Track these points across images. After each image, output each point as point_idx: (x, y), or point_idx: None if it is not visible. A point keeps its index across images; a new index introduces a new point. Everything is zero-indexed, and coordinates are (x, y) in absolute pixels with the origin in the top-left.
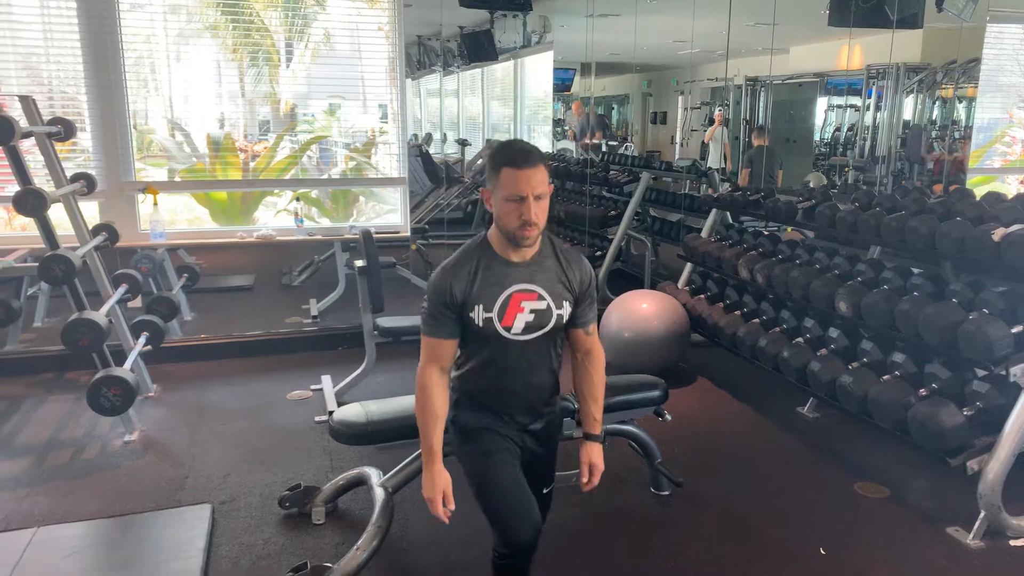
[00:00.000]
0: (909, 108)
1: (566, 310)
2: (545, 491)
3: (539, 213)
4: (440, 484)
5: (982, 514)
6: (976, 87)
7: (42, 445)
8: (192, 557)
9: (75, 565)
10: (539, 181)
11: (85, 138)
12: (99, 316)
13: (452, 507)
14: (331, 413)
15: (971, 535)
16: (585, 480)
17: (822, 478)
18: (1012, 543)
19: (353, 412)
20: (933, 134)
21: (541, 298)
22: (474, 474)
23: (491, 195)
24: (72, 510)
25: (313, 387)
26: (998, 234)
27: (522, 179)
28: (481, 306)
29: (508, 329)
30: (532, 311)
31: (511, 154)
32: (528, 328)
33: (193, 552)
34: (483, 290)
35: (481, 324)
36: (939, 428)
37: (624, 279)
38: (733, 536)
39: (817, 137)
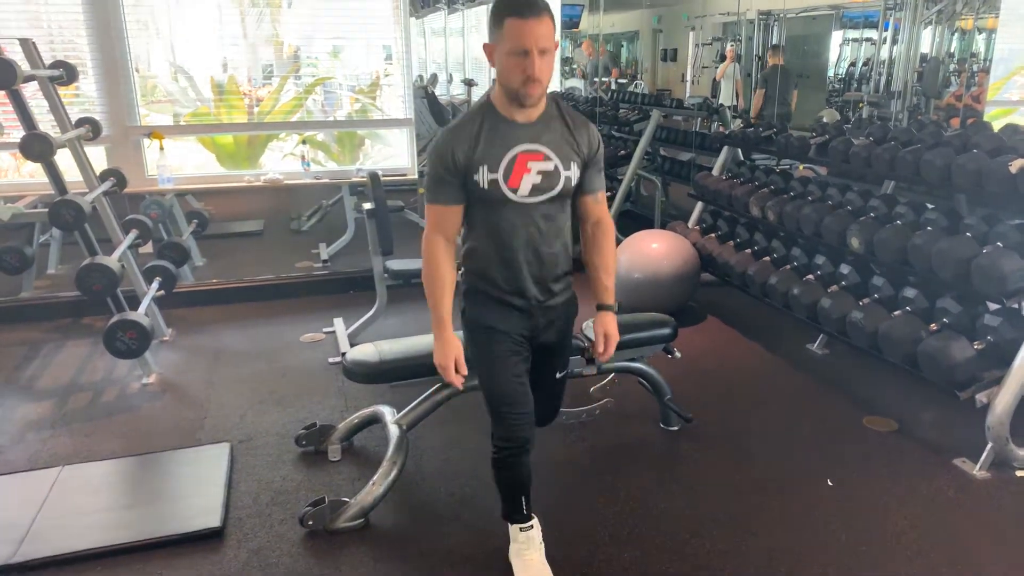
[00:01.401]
0: (927, 41)
1: (574, 172)
2: (559, 375)
3: (544, 69)
4: (451, 351)
5: (989, 445)
6: (997, 17)
7: (62, 388)
8: (213, 493)
9: (101, 501)
10: (544, 34)
11: (88, 85)
12: (111, 261)
13: (465, 373)
14: (344, 354)
15: (978, 466)
16: (601, 350)
17: (831, 413)
18: (1018, 473)
19: (366, 352)
20: (952, 67)
21: (548, 159)
22: (480, 370)
23: (493, 50)
24: (95, 450)
25: (325, 330)
26: (1016, 165)
27: (526, 30)
28: (486, 167)
29: (515, 191)
30: (539, 172)
31: (515, 3)
32: (536, 190)
33: (214, 488)
34: (487, 151)
35: (486, 186)
36: (949, 362)
37: (634, 220)
38: (741, 470)
39: (831, 73)
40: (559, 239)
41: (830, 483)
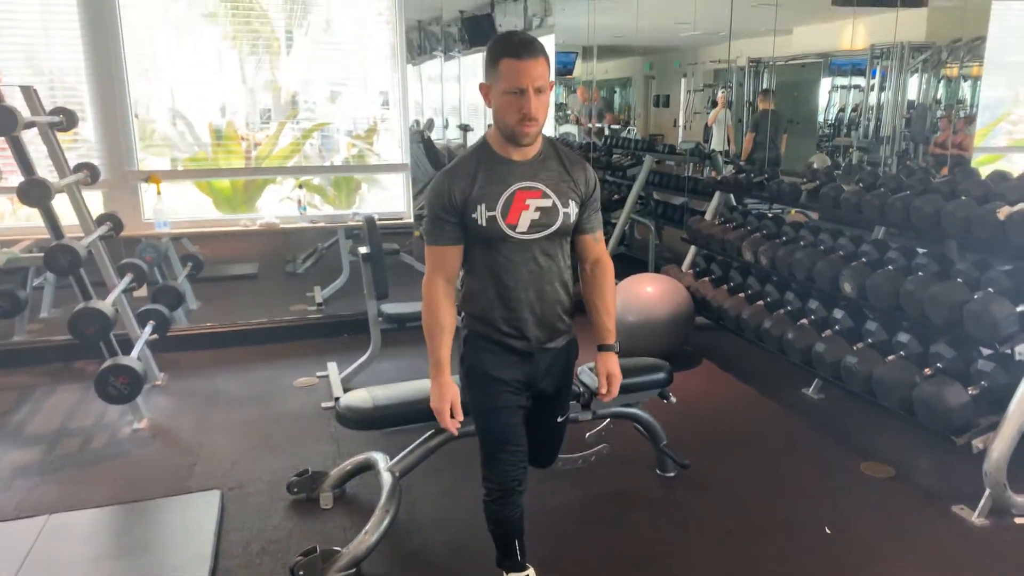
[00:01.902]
0: (914, 88)
1: (572, 210)
2: (559, 420)
3: (539, 108)
4: (448, 395)
5: (987, 492)
6: (981, 66)
7: (52, 434)
8: (203, 542)
9: (87, 551)
10: (540, 73)
11: (87, 129)
12: (105, 305)
13: (460, 418)
14: (337, 399)
15: (976, 513)
16: (604, 391)
17: (827, 458)
18: (1017, 520)
19: (359, 398)
20: (938, 114)
21: (546, 195)
22: (475, 415)
23: (489, 90)
24: (83, 498)
25: (319, 374)
26: (1003, 212)
27: (522, 70)
28: (484, 205)
29: (513, 227)
30: (537, 209)
31: (511, 44)
32: (534, 226)
33: (204, 537)
34: (485, 189)
35: (484, 224)
36: (944, 407)
37: (628, 263)
38: (738, 516)
39: (821, 118)
40: (559, 278)
41: (828, 530)
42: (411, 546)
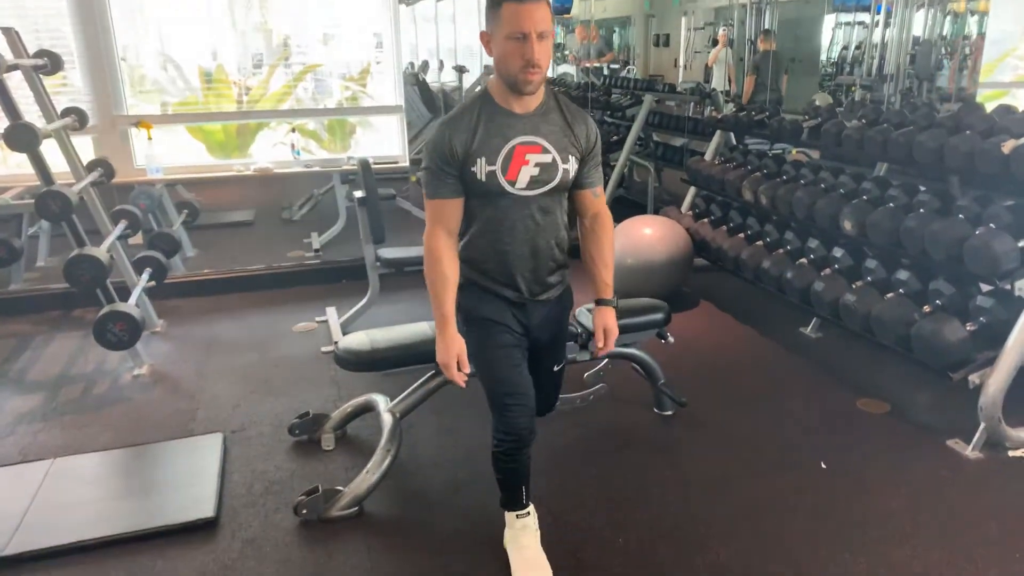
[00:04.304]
0: (919, 24)
1: (572, 165)
2: (556, 368)
3: (543, 54)
4: (454, 349)
5: (982, 426)
6: (988, 0)
7: (53, 380)
8: (207, 483)
9: (94, 493)
10: (542, 17)
11: (75, 75)
12: (100, 252)
13: (467, 371)
14: (336, 343)
15: (970, 447)
16: (600, 344)
17: (824, 396)
18: (1010, 454)
19: (358, 340)
20: (943, 50)
21: (546, 151)
22: (478, 360)
23: (490, 37)
24: (87, 442)
25: (318, 319)
26: (1008, 146)
27: (524, 14)
28: (483, 159)
29: (512, 183)
30: (537, 164)
31: None
32: (533, 182)
33: (207, 478)
34: (485, 143)
35: (484, 179)
36: (942, 343)
37: (627, 205)
38: (735, 453)
39: (824, 57)
40: (555, 234)
41: (823, 465)
42: (412, 485)
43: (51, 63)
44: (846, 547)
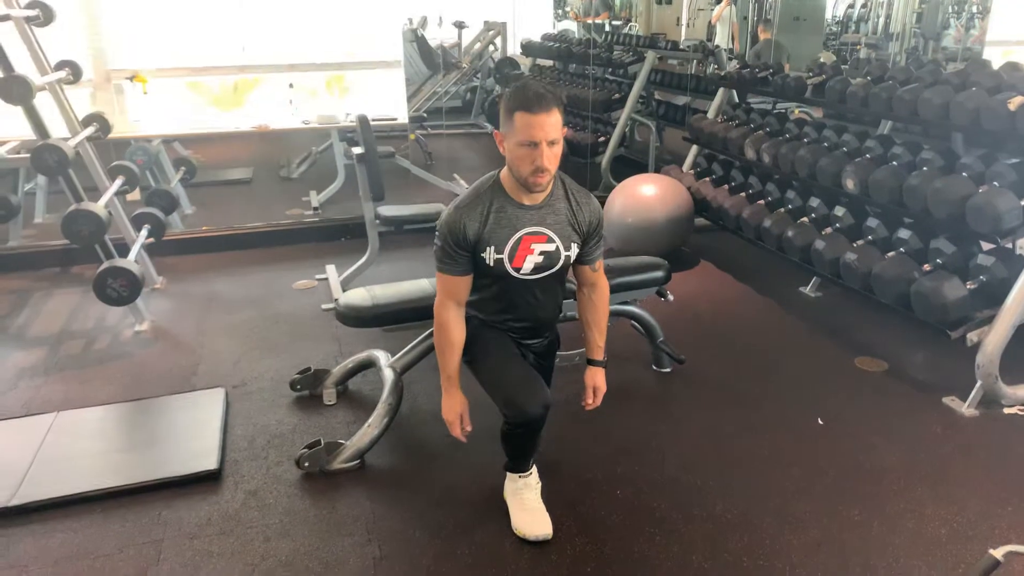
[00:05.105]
0: None
1: (573, 252)
2: (545, 363)
3: (552, 159)
4: (458, 407)
5: (978, 383)
6: None
7: (54, 336)
8: (209, 436)
9: (98, 445)
10: (553, 126)
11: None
12: (98, 207)
13: (469, 428)
14: (337, 299)
15: (966, 404)
16: (589, 401)
17: (822, 354)
18: (1006, 411)
19: (359, 296)
20: (950, 9)
21: (551, 240)
22: (484, 363)
23: (504, 139)
24: (89, 396)
25: (318, 277)
26: (1015, 103)
27: (536, 125)
28: (492, 247)
29: (518, 270)
30: (542, 253)
31: (525, 98)
32: (537, 269)
33: (210, 432)
34: (495, 232)
35: (492, 264)
36: (941, 301)
37: (628, 165)
38: (733, 409)
39: (828, 16)
40: (554, 305)
41: (820, 422)
42: (413, 439)
43: (43, 14)
44: (840, 500)
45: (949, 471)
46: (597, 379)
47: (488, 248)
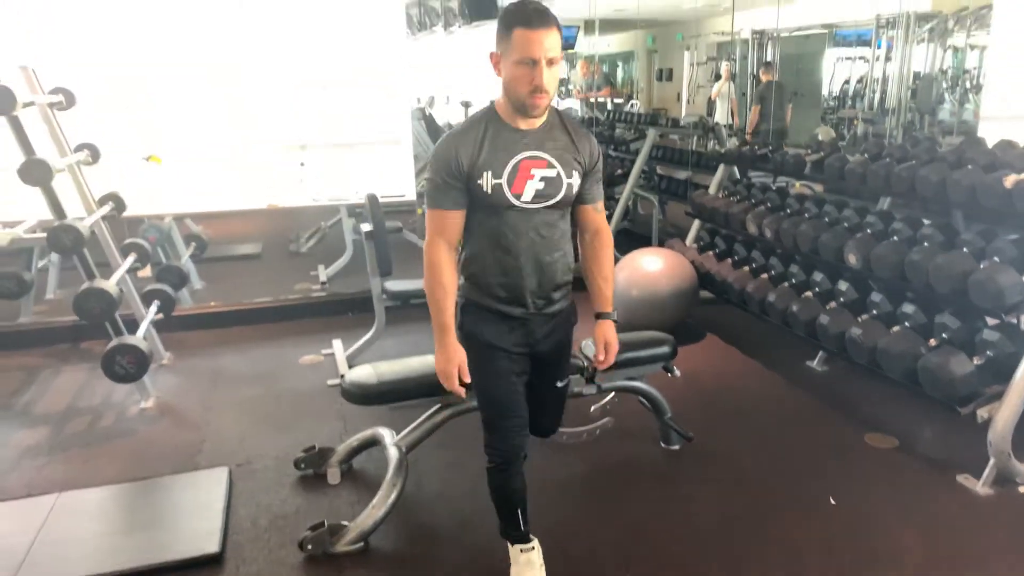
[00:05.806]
0: (920, 58)
1: (576, 180)
2: (560, 384)
3: (551, 80)
4: (455, 358)
5: (991, 461)
6: (988, 34)
7: (60, 414)
8: (212, 518)
9: (99, 527)
10: (552, 44)
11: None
12: (110, 285)
13: (467, 380)
14: (343, 376)
15: (980, 482)
16: (601, 358)
17: (831, 430)
18: (1021, 489)
19: (364, 373)
20: (944, 85)
21: (551, 166)
22: (475, 383)
23: (500, 59)
24: (92, 476)
25: (324, 352)
26: (1010, 181)
27: (535, 41)
28: (489, 172)
29: (518, 196)
30: (542, 179)
31: (524, 13)
32: (538, 196)
33: (213, 513)
34: (491, 157)
35: (490, 191)
36: (949, 377)
37: (632, 238)
38: (742, 488)
39: (825, 91)
40: (560, 248)
41: (832, 501)
42: (418, 520)
43: (66, 99)
44: None
45: (968, 553)
46: (608, 333)
47: (485, 174)
